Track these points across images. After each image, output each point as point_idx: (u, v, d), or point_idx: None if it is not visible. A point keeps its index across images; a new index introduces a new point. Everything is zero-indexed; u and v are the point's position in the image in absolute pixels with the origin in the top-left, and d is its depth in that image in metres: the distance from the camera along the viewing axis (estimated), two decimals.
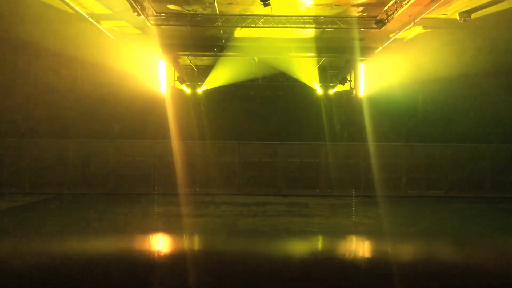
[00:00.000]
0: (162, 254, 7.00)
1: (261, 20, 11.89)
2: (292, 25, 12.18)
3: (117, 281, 5.44)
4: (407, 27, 12.17)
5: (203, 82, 17.29)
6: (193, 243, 7.72)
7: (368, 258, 6.90)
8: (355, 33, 13.30)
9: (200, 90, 16.92)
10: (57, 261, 6.28)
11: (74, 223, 8.70)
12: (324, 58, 16.26)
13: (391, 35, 13.34)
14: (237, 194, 12.20)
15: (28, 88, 15.52)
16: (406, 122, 16.29)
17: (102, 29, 12.73)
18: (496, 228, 8.76)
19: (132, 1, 10.40)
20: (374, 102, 15.92)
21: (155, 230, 8.37)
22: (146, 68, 15.76)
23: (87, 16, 11.60)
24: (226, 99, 16.77)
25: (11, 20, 12.48)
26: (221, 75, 16.58)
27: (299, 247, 7.32)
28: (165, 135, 14.70)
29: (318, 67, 16.91)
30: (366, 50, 15.13)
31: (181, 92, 16.70)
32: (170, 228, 8.48)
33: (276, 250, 6.99)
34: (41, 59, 15.27)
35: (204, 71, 17.35)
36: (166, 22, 12.04)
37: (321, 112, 16.39)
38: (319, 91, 16.97)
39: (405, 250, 7.18)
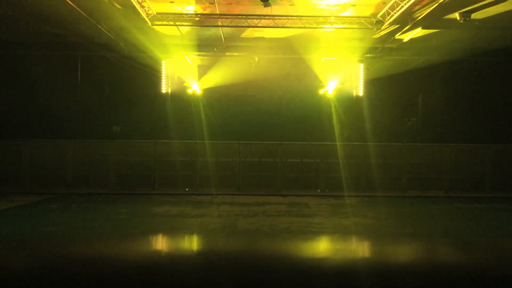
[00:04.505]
0: (161, 254, 7.00)
1: (261, 20, 11.89)
2: (292, 25, 12.19)
3: (116, 282, 5.44)
4: (407, 27, 12.18)
5: (203, 82, 17.28)
6: (192, 243, 7.72)
7: (368, 258, 6.90)
8: (355, 33, 13.31)
9: (200, 90, 16.91)
10: (57, 261, 6.28)
11: (74, 223, 8.71)
12: (324, 58, 16.25)
13: (390, 35, 13.35)
14: (237, 194, 12.20)
15: (28, 88, 15.54)
16: (406, 122, 16.30)
17: (102, 29, 12.74)
18: (497, 229, 8.77)
19: (132, 1, 10.40)
20: (374, 102, 15.93)
21: (155, 230, 8.37)
22: (146, 68, 15.77)
23: (87, 16, 11.60)
24: (226, 99, 16.77)
25: (10, 21, 12.48)
26: (221, 75, 16.58)
27: (299, 247, 7.32)
28: (165, 135, 14.71)
29: (318, 67, 16.90)
30: (366, 50, 15.14)
31: (181, 92, 16.70)
32: (169, 228, 8.48)
33: (276, 250, 7.00)
34: (41, 59, 15.30)
35: (204, 71, 17.35)
36: (166, 22, 12.04)
37: (321, 112, 16.40)
38: (319, 91, 16.97)
39: (406, 251, 7.18)
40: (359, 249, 7.61)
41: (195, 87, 16.87)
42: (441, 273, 5.87)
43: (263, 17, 11.76)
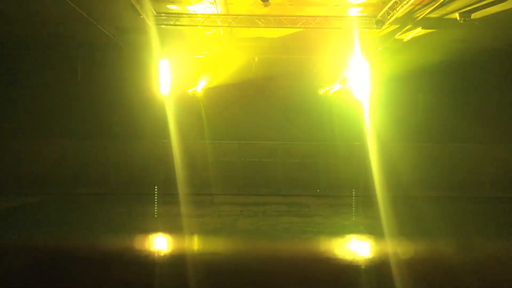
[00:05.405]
0: (162, 254, 7.00)
1: (261, 20, 11.89)
2: (292, 25, 12.18)
3: (116, 282, 5.44)
4: (407, 27, 12.17)
5: (203, 82, 17.27)
6: (192, 243, 7.72)
7: (369, 258, 6.90)
8: (355, 33, 13.29)
9: (200, 90, 16.90)
10: (57, 261, 6.28)
11: (74, 223, 8.71)
12: (324, 58, 16.24)
13: (391, 35, 13.34)
14: (237, 194, 12.21)
15: (28, 88, 15.53)
16: (406, 122, 16.27)
17: (102, 29, 12.73)
18: (497, 229, 8.77)
19: (132, 1, 10.40)
20: (374, 102, 15.91)
21: (155, 230, 8.38)
22: (146, 68, 15.74)
23: (87, 16, 11.59)
24: (226, 99, 16.76)
25: (10, 21, 12.48)
26: (222, 75, 16.57)
27: (299, 247, 7.32)
28: (165, 135, 14.71)
29: (318, 66, 16.89)
30: (366, 50, 15.12)
31: (181, 92, 16.68)
32: (170, 228, 8.49)
33: (277, 250, 6.99)
34: (41, 59, 15.29)
35: (204, 71, 17.34)
36: (166, 22, 12.04)
37: (321, 112, 16.37)
38: (319, 91, 16.95)
39: (406, 251, 7.18)
40: (359, 249, 7.61)
41: (195, 87, 16.85)
42: (441, 272, 5.87)
43: (263, 17, 11.75)
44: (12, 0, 10.85)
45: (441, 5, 10.35)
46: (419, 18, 11.44)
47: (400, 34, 13.11)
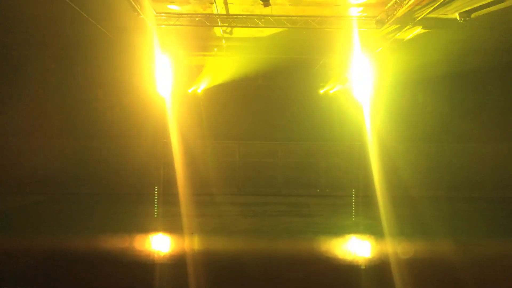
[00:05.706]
0: (162, 255, 7.00)
1: (261, 20, 11.89)
2: (293, 25, 12.18)
3: (116, 282, 5.44)
4: (407, 27, 12.18)
5: (202, 82, 17.27)
6: (193, 243, 7.72)
7: (368, 259, 6.90)
8: (355, 33, 13.28)
9: (199, 90, 16.90)
10: (56, 261, 6.28)
11: (74, 223, 8.71)
12: (324, 58, 16.24)
13: (391, 35, 13.35)
14: (237, 194, 12.21)
15: (27, 87, 15.53)
16: (407, 122, 16.27)
17: (102, 29, 12.73)
18: (497, 229, 8.77)
19: (132, 1, 10.39)
20: (374, 102, 15.92)
21: (155, 230, 8.38)
22: (145, 68, 15.74)
23: (87, 16, 11.59)
24: (226, 99, 16.76)
25: (10, 21, 12.48)
26: (221, 75, 16.57)
27: (299, 247, 7.32)
28: (165, 135, 14.71)
29: (318, 67, 16.90)
30: (366, 50, 15.11)
31: (180, 92, 16.68)
32: (170, 228, 8.49)
33: (276, 250, 6.99)
34: (42, 59, 15.29)
35: (203, 71, 17.34)
36: (166, 22, 12.04)
37: (321, 112, 16.38)
38: (319, 91, 16.96)
39: (406, 251, 7.18)
40: (359, 249, 7.61)
41: (195, 87, 16.86)
42: (441, 272, 5.87)
43: (263, 17, 11.75)
44: (12, 0, 10.85)
45: (441, 5, 10.34)
46: (419, 18, 11.45)
47: (400, 34, 13.11)
